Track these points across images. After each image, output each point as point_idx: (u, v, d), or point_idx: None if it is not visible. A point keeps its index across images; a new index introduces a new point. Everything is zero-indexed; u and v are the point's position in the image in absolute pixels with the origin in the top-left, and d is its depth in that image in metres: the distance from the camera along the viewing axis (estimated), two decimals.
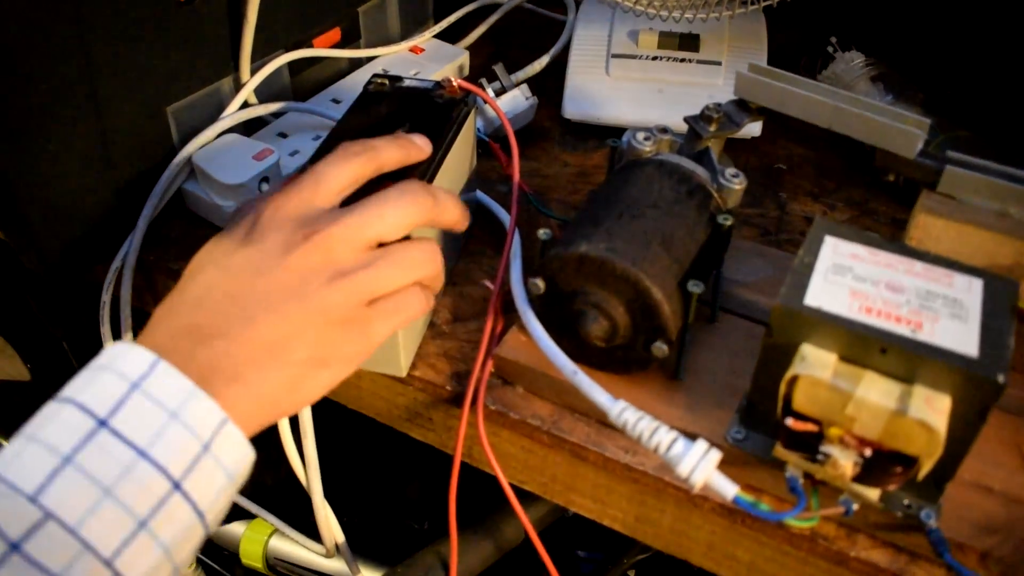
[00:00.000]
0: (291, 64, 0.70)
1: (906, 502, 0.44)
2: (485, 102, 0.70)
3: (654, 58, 0.74)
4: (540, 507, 0.68)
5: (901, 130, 0.49)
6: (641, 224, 0.47)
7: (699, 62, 0.73)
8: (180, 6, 0.60)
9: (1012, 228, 0.49)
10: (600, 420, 0.51)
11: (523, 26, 0.88)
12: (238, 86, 0.67)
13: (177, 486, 0.36)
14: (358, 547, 0.88)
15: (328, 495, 0.62)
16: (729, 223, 0.49)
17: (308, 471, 0.54)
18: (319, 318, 0.41)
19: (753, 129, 0.72)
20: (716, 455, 0.40)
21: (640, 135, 0.53)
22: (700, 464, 0.40)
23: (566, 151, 0.73)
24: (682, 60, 0.73)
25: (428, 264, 0.46)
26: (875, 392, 0.40)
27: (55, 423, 0.36)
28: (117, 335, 0.61)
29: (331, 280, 0.42)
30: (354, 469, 0.96)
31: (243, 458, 0.39)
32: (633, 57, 0.74)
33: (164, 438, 0.36)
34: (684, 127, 0.55)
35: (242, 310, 0.40)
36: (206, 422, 0.37)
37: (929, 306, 0.42)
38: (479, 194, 0.64)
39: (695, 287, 0.46)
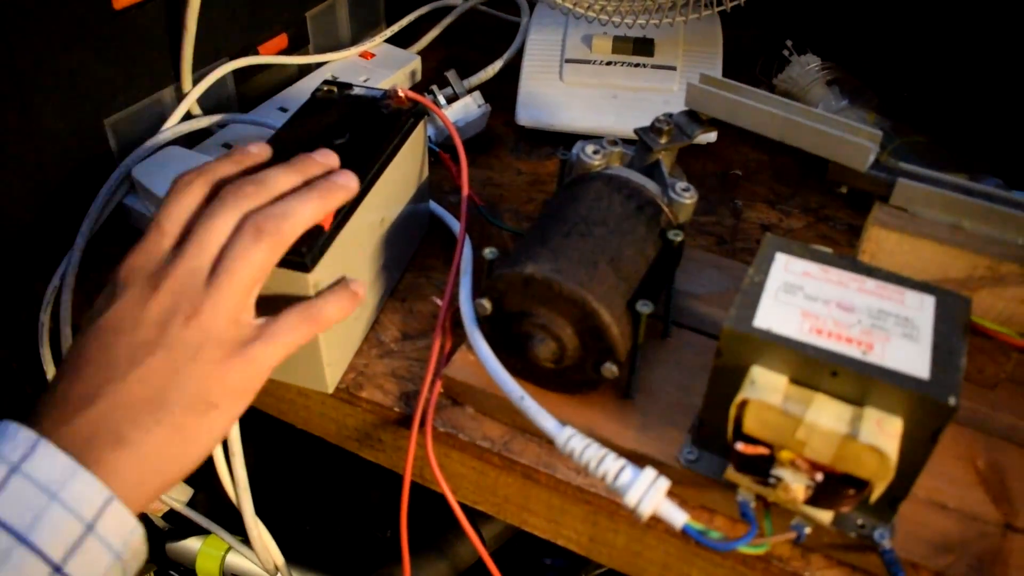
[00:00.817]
0: (236, 72, 0.68)
1: (860, 522, 0.44)
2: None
3: (608, 63, 0.72)
4: (498, 523, 0.67)
5: (853, 143, 0.48)
6: (589, 243, 0.46)
7: (654, 67, 0.72)
8: (115, 14, 0.58)
9: (965, 241, 0.48)
10: (551, 441, 0.50)
11: (477, 28, 0.87)
12: (180, 96, 0.65)
13: (58, 569, 0.35)
14: (317, 557, 0.86)
15: (286, 503, 0.60)
16: (679, 239, 0.48)
17: (238, 491, 0.52)
18: (187, 361, 0.40)
19: (709, 135, 0.71)
20: (664, 484, 0.39)
21: (589, 148, 0.52)
22: (648, 494, 0.39)
23: (520, 158, 0.72)
24: (636, 65, 0.72)
25: (273, 247, 0.43)
26: (825, 416, 0.39)
27: None
28: (58, 356, 0.59)
29: (188, 320, 0.41)
30: (313, 476, 0.94)
31: (130, 535, 0.38)
32: (587, 62, 0.73)
33: (44, 520, 0.35)
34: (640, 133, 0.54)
35: (112, 370, 0.40)
36: (90, 501, 0.36)
37: (880, 325, 0.41)
38: (432, 204, 0.63)
39: (644, 307, 0.45)
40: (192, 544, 0.89)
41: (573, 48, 0.74)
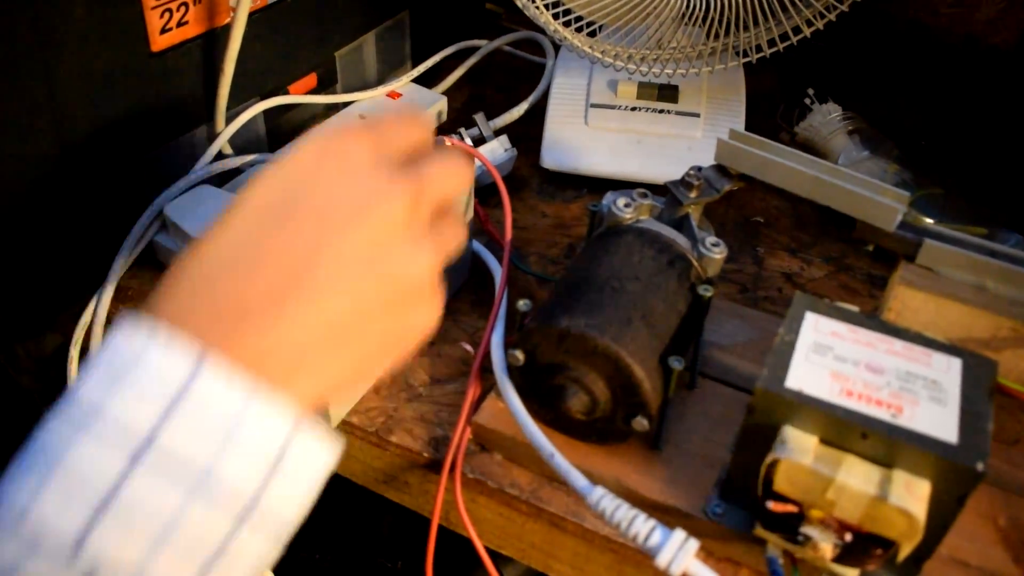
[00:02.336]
0: (267, 112, 0.69)
1: None
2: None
3: (633, 108, 0.74)
4: (519, 566, 0.67)
5: (880, 203, 0.49)
6: (622, 298, 0.47)
7: (678, 113, 0.73)
8: (152, 56, 0.59)
9: (989, 303, 0.49)
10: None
11: (501, 69, 0.88)
12: (213, 136, 0.66)
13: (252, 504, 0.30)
14: None
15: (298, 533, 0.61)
16: (710, 294, 0.49)
17: None
18: (401, 293, 0.34)
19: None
20: (694, 545, 0.40)
21: (621, 201, 0.53)
22: (678, 556, 0.39)
23: (545, 200, 0.73)
24: (661, 111, 0.73)
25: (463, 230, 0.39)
26: (856, 478, 0.40)
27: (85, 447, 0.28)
28: None
29: (420, 243, 0.35)
30: (324, 504, 0.95)
31: (324, 466, 0.33)
32: (612, 107, 0.74)
33: (232, 447, 0.29)
34: (663, 177, 0.55)
35: (302, 279, 0.31)
36: (276, 428, 0.30)
37: (909, 388, 0.42)
38: (476, 246, 0.63)
39: (676, 363, 0.46)
40: None
41: (598, 93, 0.75)
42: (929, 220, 0.65)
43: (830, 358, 0.43)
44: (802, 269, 0.67)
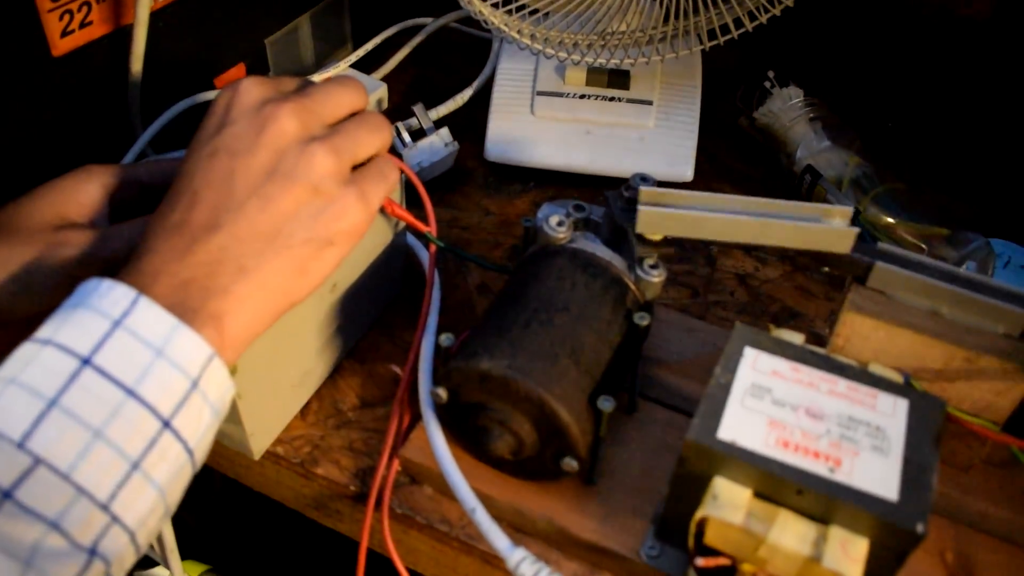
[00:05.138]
0: (195, 108, 0.65)
1: None
2: (402, 149, 0.66)
3: (581, 96, 0.70)
4: None
5: (832, 230, 0.46)
6: (549, 333, 0.44)
7: (629, 101, 0.69)
8: (55, 61, 0.54)
9: (942, 330, 0.46)
10: (511, 525, 0.48)
11: (450, 47, 0.84)
12: (133, 138, 0.61)
13: (167, 424, 0.35)
14: None
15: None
16: (646, 323, 0.46)
17: (166, 552, 0.51)
18: (306, 193, 0.40)
19: (685, 173, 0.68)
20: None
21: (553, 220, 0.49)
22: None
23: (490, 195, 0.70)
24: (611, 99, 0.69)
25: (387, 129, 0.45)
26: (788, 536, 0.38)
27: (35, 365, 0.33)
28: None
29: (307, 147, 0.40)
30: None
31: (226, 393, 0.38)
32: (559, 95, 0.70)
33: (151, 376, 0.35)
34: (613, 170, 0.51)
35: (231, 198, 0.39)
36: (194, 357, 0.36)
37: (850, 436, 0.39)
38: (418, 249, 0.60)
39: (606, 404, 0.43)
40: (161, 573, 0.88)
41: (545, 79, 0.71)
42: (890, 218, 0.62)
43: (768, 402, 0.41)
44: (756, 269, 0.64)
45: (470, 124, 0.72)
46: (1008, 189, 0.71)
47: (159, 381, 0.35)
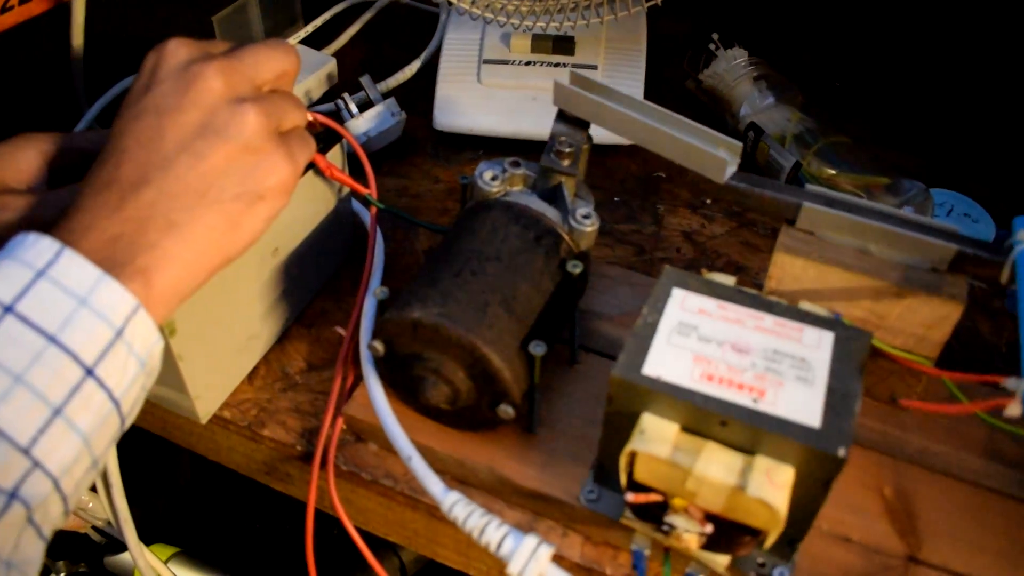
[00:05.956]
0: None
1: (760, 561, 0.43)
2: (348, 119, 0.67)
3: (527, 63, 0.70)
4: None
5: (710, 154, 0.47)
6: (480, 282, 0.45)
7: (574, 66, 0.69)
8: None
9: (871, 267, 0.47)
10: (455, 477, 0.49)
11: (401, 22, 0.84)
12: (79, 115, 0.62)
13: (90, 372, 0.35)
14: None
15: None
16: (579, 270, 0.47)
17: (120, 522, 0.51)
18: (237, 149, 0.41)
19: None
20: (546, 551, 0.38)
21: (487, 175, 0.50)
22: (529, 564, 0.38)
23: (439, 164, 0.70)
24: (556, 65, 0.70)
25: (303, 110, 0.46)
26: (714, 467, 0.38)
27: None
28: None
29: (238, 105, 0.41)
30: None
31: (153, 346, 0.38)
32: (505, 63, 0.70)
33: (74, 323, 0.35)
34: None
35: (160, 154, 0.39)
36: (118, 308, 0.36)
37: (775, 368, 0.40)
38: (366, 217, 0.60)
39: (537, 348, 0.43)
40: (130, 557, 0.88)
41: (491, 48, 0.71)
42: (832, 170, 0.63)
43: (694, 339, 0.41)
44: (703, 226, 0.64)
45: (420, 96, 0.73)
46: (952, 141, 0.72)
47: (82, 329, 0.35)
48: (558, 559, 0.46)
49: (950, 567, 0.45)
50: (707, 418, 0.39)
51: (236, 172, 0.41)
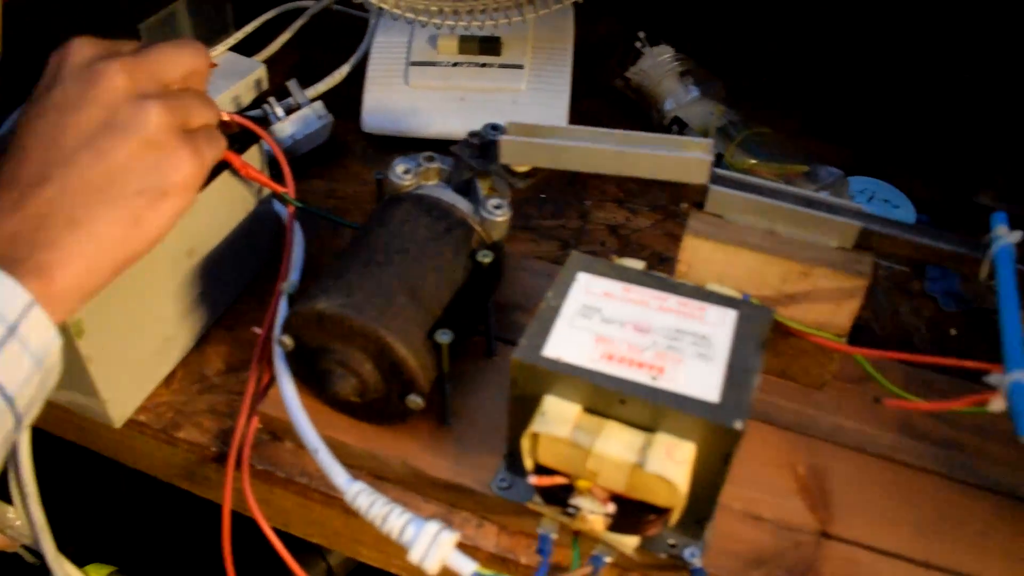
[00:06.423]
0: None
1: (671, 542, 0.43)
2: (275, 122, 0.67)
3: (454, 64, 0.70)
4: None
5: (688, 160, 0.47)
6: (386, 273, 0.45)
7: (501, 66, 0.70)
8: None
9: (778, 247, 0.47)
10: (371, 473, 0.48)
11: (333, 29, 0.84)
12: None
13: None
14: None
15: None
16: (488, 260, 0.47)
17: (36, 531, 0.50)
18: (140, 146, 0.40)
19: None
20: (449, 537, 0.38)
21: (400, 168, 0.50)
22: (431, 550, 0.37)
23: (368, 166, 0.70)
24: (483, 65, 0.70)
25: (215, 107, 0.46)
26: (614, 446, 0.38)
27: None
28: None
29: (140, 102, 0.41)
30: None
31: (50, 344, 0.38)
32: (433, 64, 0.71)
33: None
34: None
35: (62, 151, 0.39)
36: (11, 304, 0.36)
37: (676, 346, 0.40)
38: (277, 206, 0.60)
39: (444, 336, 0.43)
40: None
41: (419, 50, 0.72)
42: (753, 160, 0.63)
43: (596, 321, 0.41)
44: (628, 220, 0.65)
45: (351, 100, 0.73)
46: (877, 132, 0.73)
47: None
48: (472, 550, 0.46)
49: (861, 541, 0.45)
50: (607, 397, 0.39)
51: (138, 168, 0.40)
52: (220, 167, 0.52)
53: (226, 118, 0.53)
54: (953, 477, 0.49)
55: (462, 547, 0.46)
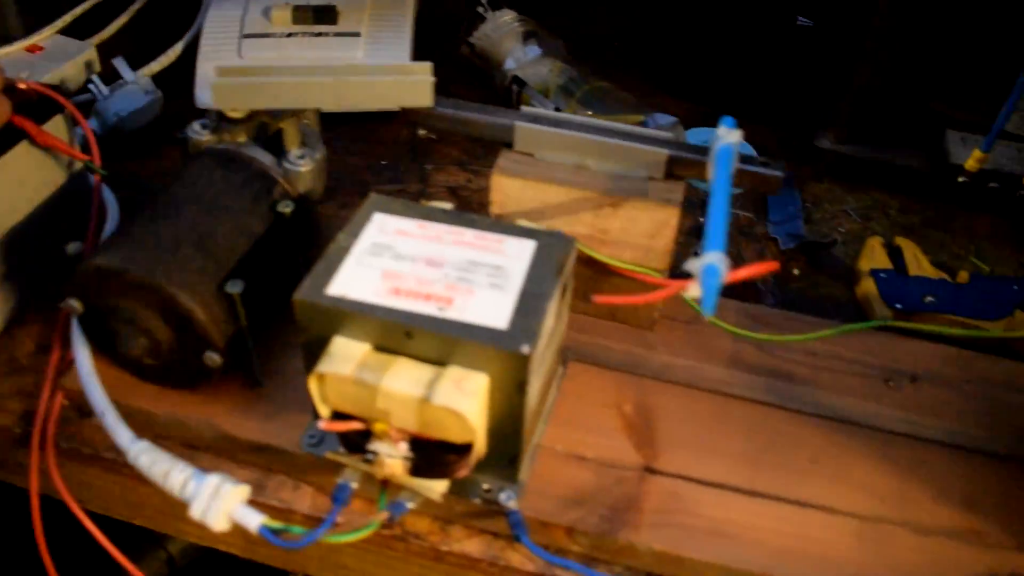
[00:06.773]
0: None
1: (485, 487, 0.41)
2: (100, 99, 0.64)
3: (289, 35, 0.69)
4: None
5: (409, 83, 0.46)
6: (173, 226, 0.42)
7: (336, 35, 0.68)
8: None
9: (587, 181, 0.46)
10: (182, 443, 0.46)
11: (169, 8, 0.81)
12: None
13: None
14: None
15: None
16: (289, 210, 0.45)
17: None
18: None
19: None
20: (232, 489, 0.36)
21: (197, 124, 0.48)
22: (212, 503, 0.35)
23: None
24: (318, 35, 0.69)
25: None
26: (400, 381, 0.36)
27: None
28: None
29: None
30: None
31: None
32: (266, 36, 0.69)
33: None
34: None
35: None
36: None
37: (468, 278, 0.39)
38: (108, 196, 0.57)
39: (234, 287, 0.41)
40: None
41: (253, 22, 0.70)
42: (590, 112, 0.63)
43: (387, 258, 0.40)
44: (469, 182, 0.63)
45: (186, 77, 0.70)
46: (716, 82, 0.73)
47: None
48: (287, 513, 0.44)
49: (685, 473, 0.44)
50: (393, 332, 0.37)
51: None
52: (17, 137, 0.50)
53: (22, 86, 0.50)
54: (786, 407, 0.48)
55: (276, 511, 0.45)
